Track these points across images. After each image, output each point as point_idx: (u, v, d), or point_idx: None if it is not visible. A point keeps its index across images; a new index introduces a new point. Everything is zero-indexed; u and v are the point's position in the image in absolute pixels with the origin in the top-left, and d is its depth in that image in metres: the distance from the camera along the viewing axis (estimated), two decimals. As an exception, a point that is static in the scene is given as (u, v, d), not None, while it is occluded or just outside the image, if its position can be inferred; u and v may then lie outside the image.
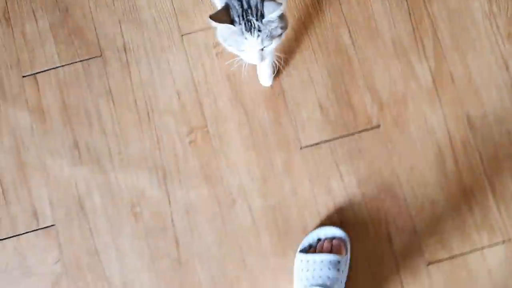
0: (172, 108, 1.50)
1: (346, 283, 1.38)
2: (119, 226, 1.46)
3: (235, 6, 1.18)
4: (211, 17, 1.16)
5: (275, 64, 1.44)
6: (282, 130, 1.49)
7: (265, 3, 1.17)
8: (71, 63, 1.53)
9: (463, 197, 1.45)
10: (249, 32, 1.17)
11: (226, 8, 1.18)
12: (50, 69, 1.52)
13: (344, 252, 1.38)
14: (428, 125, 1.48)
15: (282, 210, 1.46)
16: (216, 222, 1.46)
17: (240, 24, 1.17)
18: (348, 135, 1.48)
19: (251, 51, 1.20)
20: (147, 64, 1.52)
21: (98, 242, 1.46)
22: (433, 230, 1.44)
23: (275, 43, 1.22)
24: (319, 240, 1.41)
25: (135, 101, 1.51)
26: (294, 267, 1.40)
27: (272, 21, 1.18)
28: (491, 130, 1.47)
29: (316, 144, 1.48)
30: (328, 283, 1.31)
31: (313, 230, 1.43)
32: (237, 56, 1.26)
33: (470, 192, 1.45)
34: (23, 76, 1.53)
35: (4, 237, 1.46)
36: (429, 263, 1.43)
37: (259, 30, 1.17)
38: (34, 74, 1.53)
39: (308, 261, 1.36)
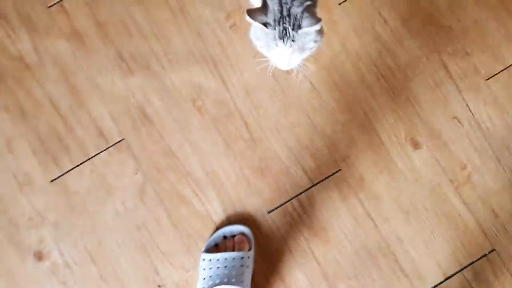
0: (203, -2, 1.50)
1: (252, 277, 1.41)
2: (186, 123, 1.48)
3: (274, 10, 1.13)
4: (248, 11, 1.11)
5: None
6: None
7: (305, 15, 1.11)
8: (92, -19, 1.51)
9: (506, 11, 1.49)
10: (282, 40, 1.12)
11: (264, 7, 1.13)
12: (73, -8, 1.51)
13: (247, 247, 1.41)
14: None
15: (337, 68, 1.48)
16: (276, 94, 1.48)
17: (274, 29, 1.12)
18: (379, -20, 1.50)
19: (280, 58, 1.16)
20: (167, -37, 1.51)
21: (170, 143, 1.48)
22: (483, 47, 1.48)
23: (305, 55, 1.17)
24: (224, 237, 1.44)
25: None
26: (198, 267, 1.42)
27: (308, 34, 1.14)
28: None
29: (352, -4, 1.50)
30: (233, 280, 1.33)
31: (218, 229, 1.44)
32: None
33: None
34: (48, 7, 1.51)
35: (78, 163, 1.47)
36: (487, 78, 1.47)
37: (293, 40, 1.12)
38: (59, 1, 1.51)
39: (210, 260, 1.38)
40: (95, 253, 1.45)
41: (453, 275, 1.42)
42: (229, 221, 1.46)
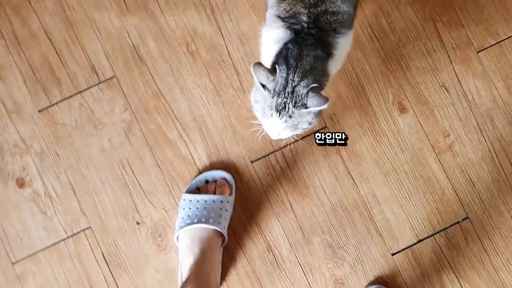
0: None
1: (229, 222, 1.44)
2: (179, 66, 1.49)
3: (278, 81, 1.10)
4: (256, 64, 1.09)
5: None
6: None
7: (311, 95, 1.09)
8: None
9: (501, -16, 1.51)
10: (278, 113, 1.10)
11: (273, 71, 1.10)
12: None
13: (228, 192, 1.43)
14: None
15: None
16: (270, 47, 1.49)
17: (272, 98, 1.10)
18: None
19: (271, 128, 1.14)
20: None
21: (161, 85, 1.49)
22: (478, 21, 1.50)
23: (295, 132, 1.15)
24: (206, 182, 1.46)
25: None
26: (179, 206, 1.44)
27: (307, 115, 1.11)
28: None
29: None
30: (210, 220, 1.36)
31: (201, 174, 1.46)
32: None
33: (507, -22, 1.51)
34: None
35: (67, 96, 1.48)
36: (479, 51, 1.50)
37: (290, 116, 1.10)
38: None
39: (191, 201, 1.41)
40: (78, 186, 1.47)
41: (425, 238, 1.45)
42: (212, 167, 1.48)
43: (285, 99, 1.09)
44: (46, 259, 1.46)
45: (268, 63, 1.17)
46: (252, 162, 1.47)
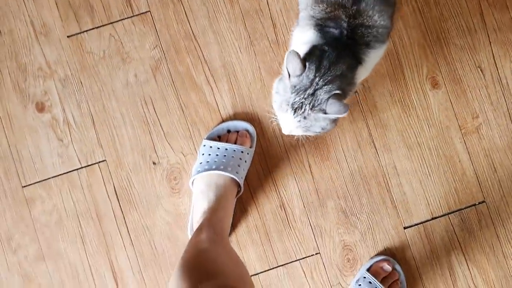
0: None
1: (247, 174, 1.42)
2: (215, 10, 1.45)
3: (303, 80, 1.07)
4: (292, 52, 1.05)
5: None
6: None
7: (331, 101, 1.06)
8: None
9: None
10: (294, 111, 1.08)
11: (303, 61, 1.08)
12: None
13: (249, 144, 1.41)
14: None
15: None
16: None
17: (291, 94, 1.08)
18: None
19: (284, 122, 1.13)
20: None
21: (194, 26, 1.46)
22: (523, 5, 1.47)
23: (306, 133, 1.13)
24: (228, 131, 1.43)
25: None
26: (198, 151, 1.42)
27: (323, 120, 1.09)
28: None
29: None
30: (229, 169, 1.34)
31: (224, 122, 1.44)
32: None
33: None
34: None
35: (99, 25, 1.45)
36: (520, 36, 1.47)
37: (304, 118, 1.08)
38: None
39: (211, 147, 1.39)
40: (98, 117, 1.45)
41: (440, 216, 1.44)
42: (235, 117, 1.45)
43: (303, 99, 1.07)
44: (57, 186, 1.44)
45: None
46: (276, 117, 1.45)
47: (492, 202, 1.45)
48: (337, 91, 1.08)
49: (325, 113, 1.07)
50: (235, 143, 1.40)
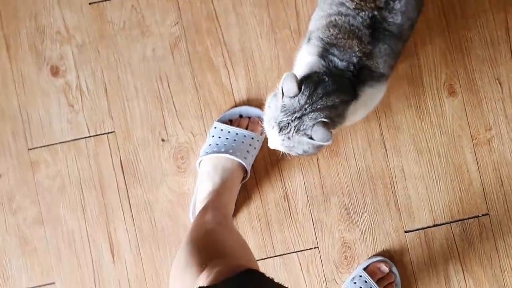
0: None
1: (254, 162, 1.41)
2: (240, -7, 1.45)
3: (293, 102, 1.08)
4: (290, 74, 1.06)
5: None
6: None
7: (316, 128, 1.07)
8: None
9: None
10: (279, 129, 1.09)
11: (300, 84, 1.08)
12: None
13: (260, 131, 1.40)
14: None
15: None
16: None
17: (280, 113, 1.08)
18: None
19: (270, 137, 1.14)
20: None
21: (217, 7, 1.44)
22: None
23: (289, 152, 1.14)
24: (240, 116, 1.42)
25: None
26: (208, 133, 1.41)
27: (307, 144, 1.10)
28: None
29: None
30: (237, 153, 1.33)
31: (236, 107, 1.43)
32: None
33: None
34: None
35: (122, -5, 1.44)
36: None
37: (288, 138, 1.09)
38: None
39: (222, 130, 1.38)
40: (111, 87, 1.44)
41: (442, 224, 1.44)
42: (249, 103, 1.45)
43: (290, 121, 1.08)
44: (63, 152, 1.43)
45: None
46: (289, 107, 1.44)
47: (495, 215, 1.44)
48: (324, 120, 1.08)
49: (310, 138, 1.08)
50: (246, 128, 1.40)
